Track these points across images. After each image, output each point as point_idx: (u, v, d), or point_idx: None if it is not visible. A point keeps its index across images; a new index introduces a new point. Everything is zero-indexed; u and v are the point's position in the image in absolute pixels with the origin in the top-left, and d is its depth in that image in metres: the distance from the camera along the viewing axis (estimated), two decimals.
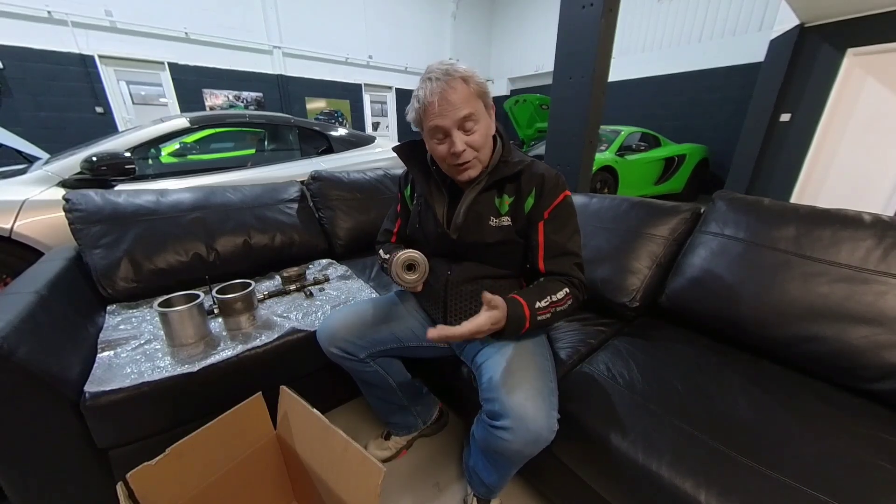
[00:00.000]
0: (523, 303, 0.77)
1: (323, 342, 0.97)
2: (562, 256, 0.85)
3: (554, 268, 0.85)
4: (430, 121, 0.78)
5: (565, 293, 0.81)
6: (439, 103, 0.75)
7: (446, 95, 0.75)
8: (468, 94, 0.77)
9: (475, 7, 9.30)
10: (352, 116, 8.12)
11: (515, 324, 0.75)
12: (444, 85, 0.75)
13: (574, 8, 2.05)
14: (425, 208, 0.96)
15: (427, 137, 0.83)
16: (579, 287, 0.84)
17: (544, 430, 0.71)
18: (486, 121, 0.81)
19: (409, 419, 1.15)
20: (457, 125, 0.77)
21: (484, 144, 0.82)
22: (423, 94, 0.77)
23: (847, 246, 0.93)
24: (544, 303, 0.78)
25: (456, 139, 0.77)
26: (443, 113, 0.76)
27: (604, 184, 4.68)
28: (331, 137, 2.74)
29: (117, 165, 1.70)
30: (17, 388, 0.74)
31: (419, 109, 0.79)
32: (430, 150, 0.85)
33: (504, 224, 0.87)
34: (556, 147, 2.37)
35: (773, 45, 4.53)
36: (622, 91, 7.08)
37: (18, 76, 4.81)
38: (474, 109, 0.77)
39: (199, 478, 0.80)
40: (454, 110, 0.75)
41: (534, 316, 0.77)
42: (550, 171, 0.87)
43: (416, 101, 0.80)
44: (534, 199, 0.85)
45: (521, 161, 0.87)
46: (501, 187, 0.88)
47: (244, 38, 6.32)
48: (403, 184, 1.05)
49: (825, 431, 0.74)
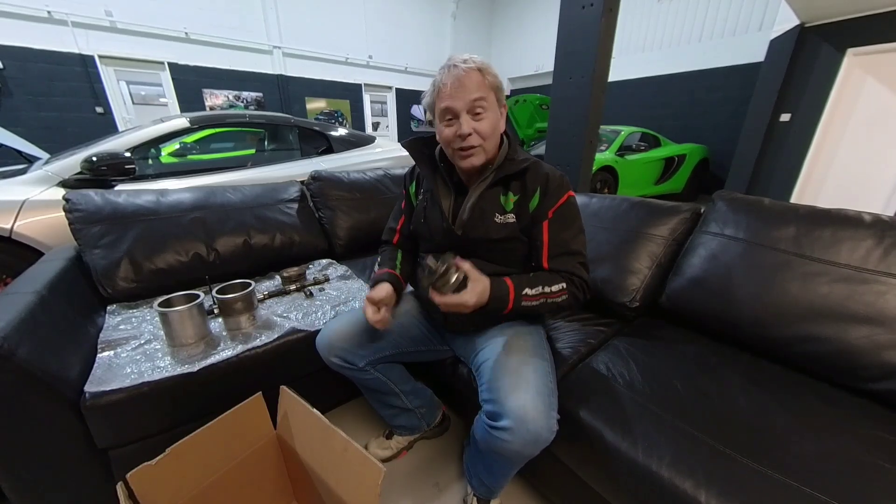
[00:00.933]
0: (510, 284, 0.79)
1: (322, 352, 0.97)
2: (566, 255, 0.86)
3: (557, 266, 0.85)
4: (441, 102, 0.81)
5: (560, 288, 0.82)
6: (452, 85, 0.79)
7: (461, 79, 0.78)
8: (482, 82, 0.80)
9: (475, 7, 9.30)
10: (352, 116, 8.11)
11: (497, 302, 0.77)
12: (460, 71, 0.78)
13: (574, 8, 2.06)
14: (431, 204, 0.95)
15: (437, 121, 0.85)
16: (579, 286, 0.85)
17: (544, 431, 0.71)
18: (495, 113, 0.83)
19: (413, 421, 1.15)
20: (467, 108, 0.79)
21: (491, 135, 0.83)
22: (439, 79, 0.81)
23: (847, 246, 0.93)
24: (534, 291, 0.80)
25: (464, 121, 0.80)
26: (454, 95, 0.79)
27: (604, 184, 4.68)
28: (331, 137, 2.74)
29: (117, 165, 1.71)
30: (18, 388, 0.74)
31: (433, 93, 0.83)
32: (438, 134, 0.87)
33: (509, 221, 0.87)
34: (556, 147, 2.37)
35: (773, 45, 4.53)
36: (622, 91, 7.08)
37: (18, 76, 4.81)
38: (485, 96, 0.80)
39: (199, 478, 0.80)
40: (466, 93, 0.78)
41: (518, 300, 0.79)
42: (555, 171, 0.88)
43: (432, 86, 0.84)
44: (538, 199, 0.86)
45: (526, 159, 0.88)
46: (507, 185, 0.89)
47: (244, 38, 6.32)
48: (409, 180, 1.05)
49: (825, 431, 0.74)
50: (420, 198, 1.00)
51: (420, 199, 1.00)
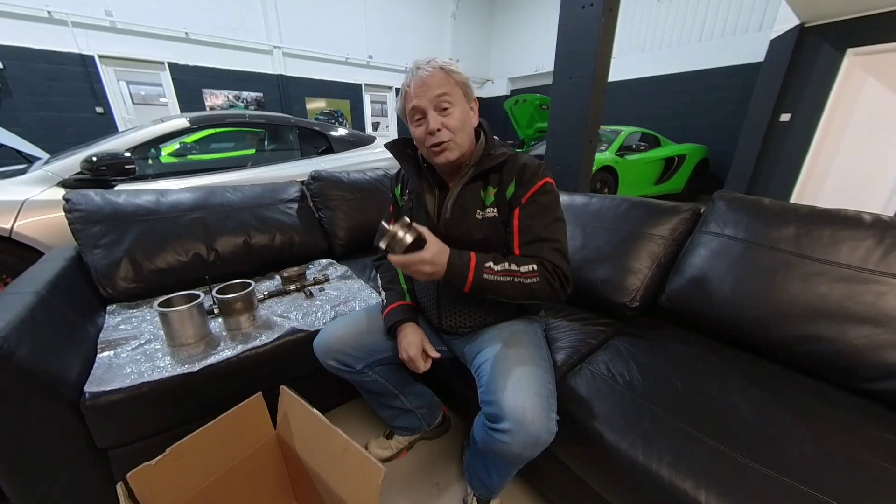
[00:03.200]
0: (472, 255, 0.77)
1: (320, 355, 0.97)
2: (539, 242, 0.82)
3: (528, 252, 0.82)
4: (409, 104, 0.83)
5: (530, 269, 0.78)
6: (417, 86, 0.80)
7: (424, 79, 0.80)
8: (446, 79, 0.81)
9: (475, 7, 9.30)
10: (352, 116, 8.12)
11: (456, 269, 0.75)
12: (423, 72, 0.80)
13: (574, 8, 2.06)
14: (417, 204, 0.95)
15: (409, 124, 0.86)
16: (552, 271, 0.80)
17: (543, 433, 0.71)
18: (463, 106, 0.84)
19: (414, 422, 1.15)
20: (432, 105, 0.80)
21: (460, 129, 0.83)
22: (405, 82, 0.84)
23: (847, 246, 0.93)
24: (499, 267, 0.77)
25: (430, 118, 0.81)
26: (419, 94, 0.81)
27: (604, 184, 4.68)
28: (331, 137, 2.74)
29: (117, 165, 1.70)
30: (17, 388, 0.74)
31: (402, 97, 0.85)
32: (413, 136, 0.88)
33: (489, 215, 0.87)
34: (556, 147, 2.37)
35: (773, 45, 4.53)
36: (622, 91, 7.08)
37: (18, 76, 4.81)
38: (449, 91, 0.81)
39: (199, 478, 0.80)
40: (429, 91, 0.80)
41: (479, 271, 0.76)
42: (533, 160, 0.88)
43: (400, 92, 0.86)
44: (514, 188, 0.86)
45: (503, 153, 0.88)
46: (486, 179, 0.89)
47: (244, 38, 6.32)
48: (394, 182, 1.05)
49: (825, 431, 0.74)
50: (406, 199, 1.00)
51: (406, 201, 1.00)
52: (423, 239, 0.74)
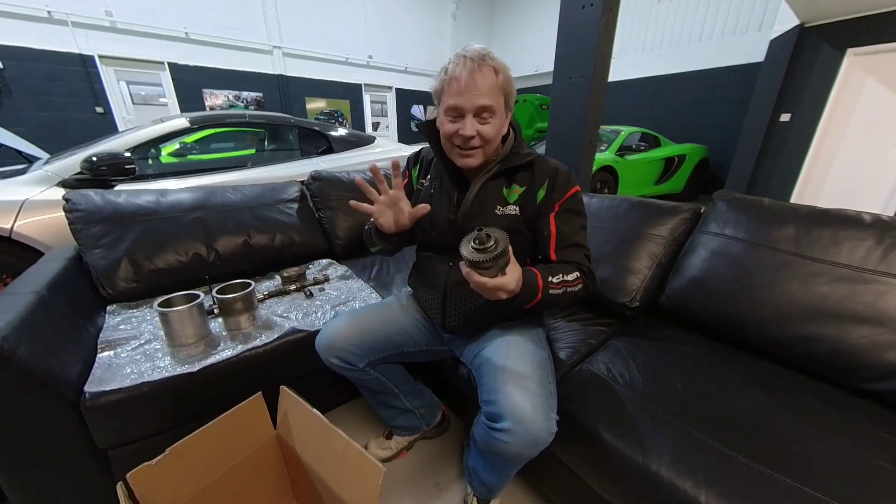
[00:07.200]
0: (537, 273, 0.75)
1: (322, 353, 0.97)
2: (574, 248, 0.85)
3: (565, 257, 0.85)
4: (450, 98, 0.78)
5: (576, 276, 0.80)
6: (465, 81, 0.75)
7: (474, 76, 0.75)
8: (494, 84, 0.77)
9: (475, 7, 9.29)
10: (352, 116, 8.11)
11: (529, 291, 0.72)
12: (475, 66, 0.75)
13: (574, 8, 2.06)
14: (440, 191, 0.94)
15: (440, 111, 0.83)
16: (589, 275, 0.84)
17: (543, 433, 0.71)
18: (501, 118, 0.82)
19: (413, 421, 1.15)
20: (474, 111, 0.77)
21: (493, 140, 0.82)
22: (452, 68, 0.77)
23: (847, 246, 0.93)
24: (556, 279, 0.77)
25: (468, 123, 0.78)
26: (464, 93, 0.75)
27: (604, 184, 4.68)
28: (331, 137, 2.74)
29: (117, 165, 1.70)
30: (17, 388, 0.74)
31: (444, 81, 0.78)
32: (439, 125, 0.85)
33: (510, 213, 0.87)
34: (556, 147, 2.37)
35: (773, 45, 4.53)
36: (622, 91, 7.08)
37: (18, 76, 4.81)
38: (494, 103, 0.77)
39: (199, 478, 0.80)
40: (476, 95, 0.75)
41: (546, 288, 0.75)
42: (563, 166, 0.89)
43: (443, 73, 0.79)
44: (545, 192, 0.86)
45: (530, 153, 0.88)
46: (511, 177, 0.89)
47: (244, 38, 6.32)
48: (412, 163, 1.03)
49: (825, 431, 0.74)
50: (427, 184, 0.98)
51: (426, 186, 0.98)
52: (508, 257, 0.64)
